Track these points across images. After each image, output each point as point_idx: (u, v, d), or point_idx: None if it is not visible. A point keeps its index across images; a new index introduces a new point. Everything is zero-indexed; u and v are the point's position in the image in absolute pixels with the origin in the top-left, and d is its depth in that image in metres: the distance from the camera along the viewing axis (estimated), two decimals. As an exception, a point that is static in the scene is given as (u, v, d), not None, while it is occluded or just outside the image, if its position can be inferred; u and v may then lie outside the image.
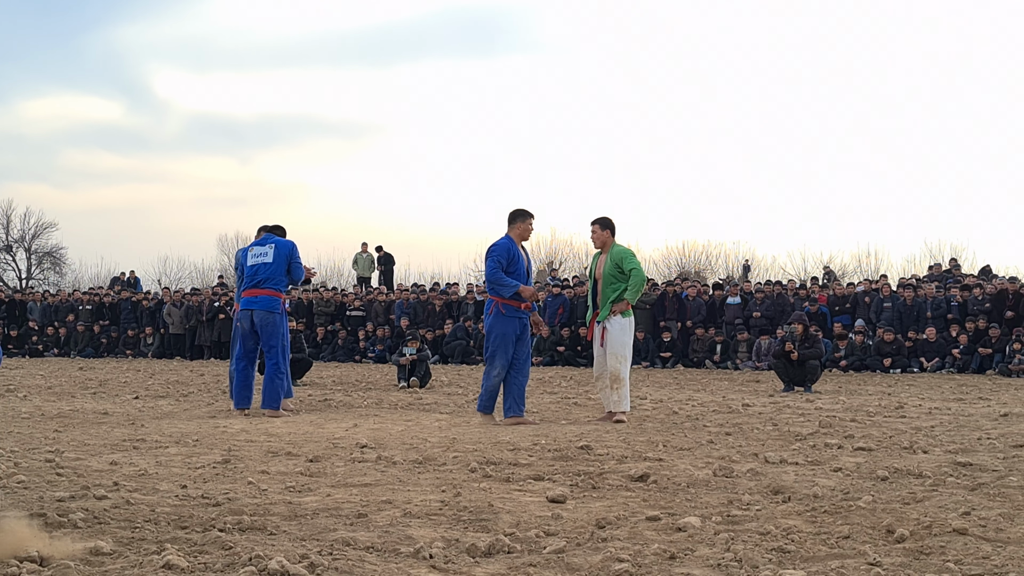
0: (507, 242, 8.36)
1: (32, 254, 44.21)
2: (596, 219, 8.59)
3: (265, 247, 9.09)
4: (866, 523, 3.89)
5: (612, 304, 8.33)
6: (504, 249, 8.31)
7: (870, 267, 34.01)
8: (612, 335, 8.35)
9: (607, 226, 8.53)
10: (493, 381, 8.29)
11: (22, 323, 24.34)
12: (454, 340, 20.45)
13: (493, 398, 8.33)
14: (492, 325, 8.35)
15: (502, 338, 8.28)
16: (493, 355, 8.30)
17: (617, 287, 8.35)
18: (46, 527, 3.69)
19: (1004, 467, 5.38)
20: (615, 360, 8.31)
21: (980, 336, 17.57)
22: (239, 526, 3.75)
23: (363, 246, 26.61)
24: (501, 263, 8.25)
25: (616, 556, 3.34)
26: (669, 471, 5.23)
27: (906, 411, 9.21)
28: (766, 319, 19.10)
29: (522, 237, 8.46)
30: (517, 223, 8.43)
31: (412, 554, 3.39)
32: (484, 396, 8.34)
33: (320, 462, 5.58)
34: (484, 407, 8.33)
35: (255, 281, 8.99)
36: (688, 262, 36.44)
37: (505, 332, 8.28)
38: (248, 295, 9.02)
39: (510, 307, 8.25)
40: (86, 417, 8.21)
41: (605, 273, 8.41)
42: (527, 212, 8.47)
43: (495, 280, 8.26)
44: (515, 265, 8.31)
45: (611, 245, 8.50)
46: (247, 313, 9.00)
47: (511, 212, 8.49)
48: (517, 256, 8.35)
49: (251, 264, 9.07)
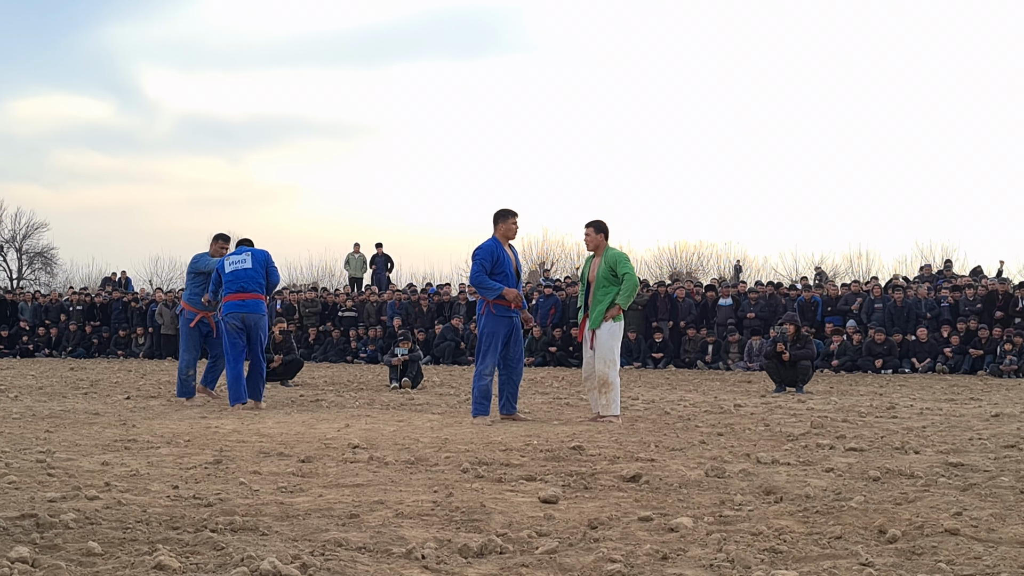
0: (492, 244, 8.38)
1: (23, 254, 44.10)
2: (590, 222, 8.59)
3: (242, 255, 9.71)
4: (858, 523, 3.90)
5: (604, 309, 8.31)
6: (488, 251, 8.32)
7: (862, 268, 34.13)
8: (601, 340, 8.35)
9: (601, 229, 8.52)
10: (485, 381, 8.31)
11: (13, 323, 24.26)
12: (444, 341, 20.44)
13: (487, 399, 8.33)
14: (483, 325, 8.40)
15: (492, 337, 8.31)
16: (484, 355, 8.34)
17: (609, 291, 8.35)
18: (37, 528, 3.68)
19: (995, 467, 5.40)
20: (604, 365, 8.30)
21: (971, 337, 17.63)
22: (231, 527, 3.74)
23: (355, 247, 26.55)
24: (485, 266, 8.27)
25: (608, 556, 3.34)
26: (661, 471, 5.23)
27: (898, 412, 9.24)
28: (759, 320, 19.15)
29: (507, 237, 8.47)
30: (500, 224, 8.45)
31: (404, 555, 3.38)
32: (477, 398, 8.31)
33: (312, 463, 5.57)
34: (479, 410, 8.29)
35: (239, 286, 9.53)
36: (680, 263, 36.50)
37: (495, 331, 8.31)
38: (236, 299, 9.56)
39: (500, 307, 8.28)
40: (77, 417, 8.19)
41: (598, 276, 8.41)
42: (510, 211, 8.49)
43: (478, 284, 8.33)
44: (501, 266, 8.32)
45: (605, 248, 8.50)
46: (237, 316, 9.50)
47: (495, 213, 8.52)
48: (503, 258, 8.35)
49: (230, 271, 9.60)
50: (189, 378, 10.42)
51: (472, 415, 8.37)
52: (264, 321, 9.75)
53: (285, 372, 13.31)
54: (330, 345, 21.77)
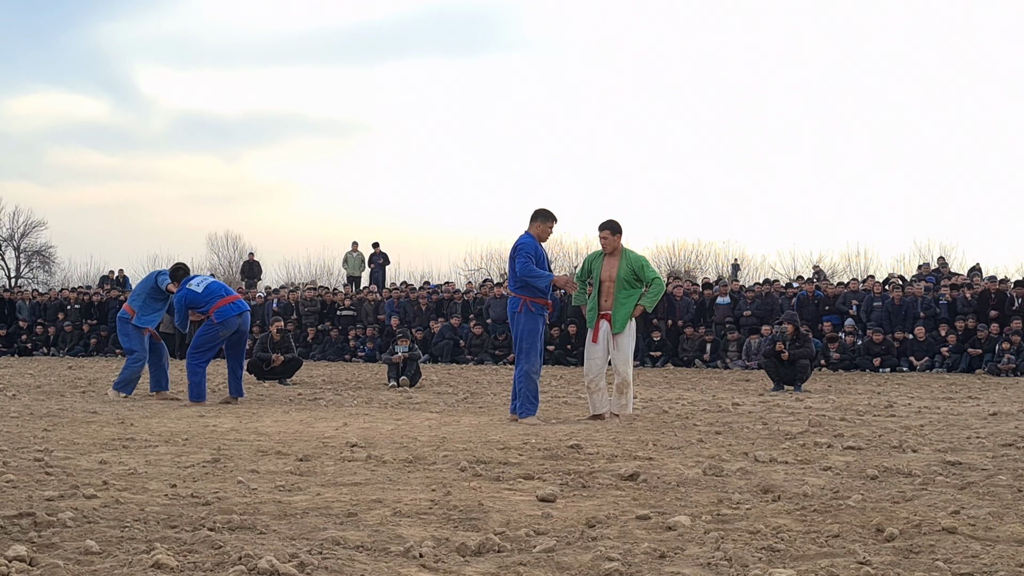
0: (532, 239, 8.26)
1: (21, 253, 44.07)
2: (605, 223, 8.46)
3: (197, 277, 10.32)
4: (856, 522, 3.90)
5: (629, 312, 8.29)
6: (532, 246, 8.20)
7: (859, 267, 34.13)
8: (622, 341, 8.34)
9: (617, 230, 8.42)
10: (534, 380, 8.16)
11: (11, 322, 24.24)
12: (442, 340, 20.43)
13: (537, 398, 8.19)
14: (523, 323, 8.19)
15: (532, 335, 8.17)
16: (528, 352, 8.16)
17: (632, 293, 8.32)
18: (35, 526, 3.67)
19: (993, 466, 5.40)
20: (625, 365, 8.34)
21: (969, 335, 17.64)
22: (228, 525, 3.74)
23: (353, 245, 26.55)
24: (531, 257, 8.16)
25: (606, 555, 3.34)
26: (659, 470, 5.23)
27: (896, 410, 9.24)
28: (756, 318, 19.16)
29: (540, 237, 8.34)
30: (538, 222, 8.32)
31: (402, 553, 3.38)
32: (528, 397, 8.12)
33: (310, 461, 5.57)
34: (529, 410, 8.09)
35: (225, 291, 10.11)
36: (678, 261, 36.51)
37: (535, 328, 8.19)
38: (231, 300, 10.03)
39: (537, 304, 8.21)
40: (75, 416, 8.18)
41: (619, 278, 8.34)
42: (550, 214, 8.34)
43: (529, 273, 8.07)
44: (541, 263, 8.25)
45: (622, 249, 8.44)
46: (234, 320, 9.97)
47: (535, 210, 8.37)
48: (542, 254, 8.28)
49: (203, 288, 10.02)
50: (137, 379, 10.67)
51: (519, 415, 8.12)
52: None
53: (284, 371, 13.31)
54: (328, 344, 21.77)
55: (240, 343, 10.31)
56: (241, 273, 29.67)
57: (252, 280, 28.15)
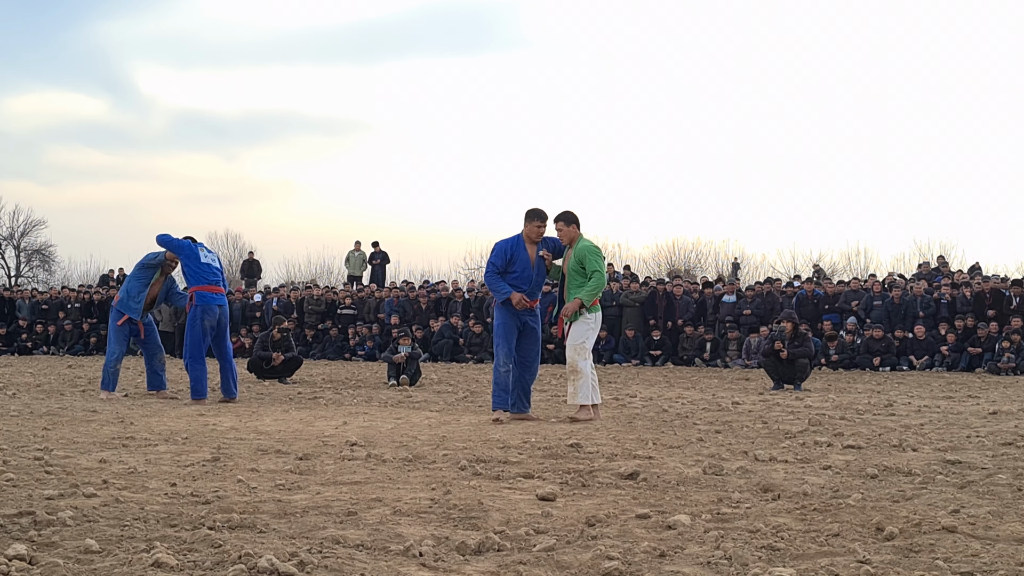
0: (509, 242, 8.24)
1: (21, 251, 44.08)
2: (559, 216, 8.22)
3: (213, 253, 10.14)
4: (856, 521, 3.90)
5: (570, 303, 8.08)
6: (502, 249, 8.20)
7: (859, 265, 34.14)
8: (574, 330, 8.15)
9: (571, 220, 8.19)
10: (500, 373, 8.18)
11: (11, 321, 24.24)
12: (442, 339, 20.43)
13: (505, 391, 8.16)
14: (496, 317, 8.33)
15: (502, 328, 8.21)
16: (497, 346, 8.25)
17: (582, 283, 8.09)
18: (35, 525, 3.67)
19: (993, 465, 5.40)
20: (572, 351, 8.10)
21: (969, 334, 17.64)
22: (228, 524, 3.74)
23: (356, 244, 26.56)
24: (497, 265, 8.18)
25: (606, 554, 3.34)
26: (659, 469, 5.23)
27: (895, 409, 9.24)
28: (756, 317, 19.16)
29: (529, 237, 8.29)
30: (525, 223, 8.30)
31: (402, 552, 3.38)
32: (495, 391, 8.20)
33: (310, 460, 5.57)
34: (497, 403, 8.17)
35: (218, 279, 9.89)
36: (678, 260, 36.51)
37: (505, 322, 8.19)
38: (217, 291, 9.90)
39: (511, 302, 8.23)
40: (75, 415, 8.18)
41: (569, 270, 8.17)
42: (538, 214, 8.26)
43: (488, 284, 8.32)
44: (515, 265, 8.20)
45: (578, 239, 8.22)
46: (213, 311, 9.83)
47: (526, 211, 8.33)
48: (519, 257, 8.20)
49: (206, 263, 9.85)
50: (116, 372, 10.50)
51: (492, 407, 8.25)
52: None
53: (284, 370, 13.31)
54: (328, 342, 21.76)
55: (222, 337, 10.11)
56: (241, 272, 29.66)
57: (252, 279, 28.15)
